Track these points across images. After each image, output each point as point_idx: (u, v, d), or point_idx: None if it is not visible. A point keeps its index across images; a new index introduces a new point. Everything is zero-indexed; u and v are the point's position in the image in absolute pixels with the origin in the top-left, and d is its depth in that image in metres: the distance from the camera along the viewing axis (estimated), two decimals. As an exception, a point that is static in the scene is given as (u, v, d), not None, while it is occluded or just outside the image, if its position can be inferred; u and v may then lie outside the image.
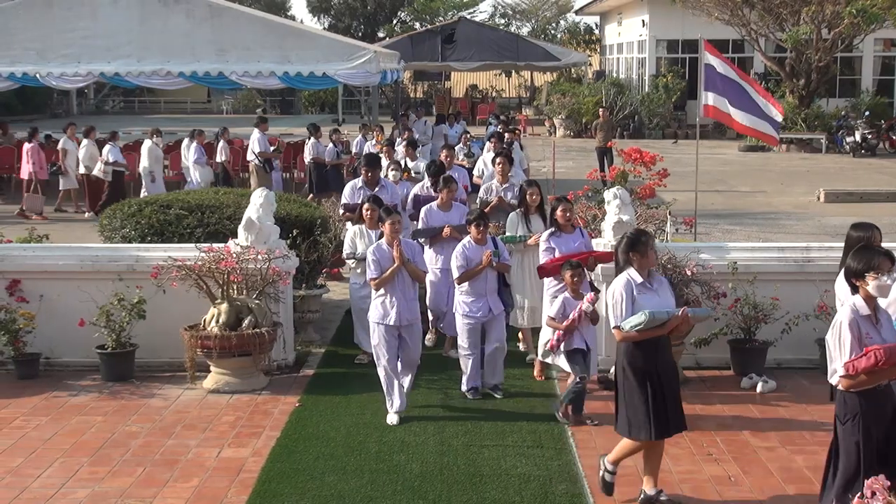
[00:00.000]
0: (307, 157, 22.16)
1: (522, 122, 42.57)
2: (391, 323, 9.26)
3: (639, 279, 7.28)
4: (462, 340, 9.92)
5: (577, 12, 60.19)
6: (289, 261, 10.65)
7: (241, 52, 22.07)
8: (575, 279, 9.36)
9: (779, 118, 13.86)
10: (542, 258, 10.20)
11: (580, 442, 8.70)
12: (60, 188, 22.29)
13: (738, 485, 7.79)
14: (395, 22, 66.36)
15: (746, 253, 11.06)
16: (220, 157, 22.59)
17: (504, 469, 8.11)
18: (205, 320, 10.18)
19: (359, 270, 10.60)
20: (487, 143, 18.70)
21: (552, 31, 62.90)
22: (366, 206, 10.66)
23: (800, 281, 10.61)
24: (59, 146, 22.57)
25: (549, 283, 10.11)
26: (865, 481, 5.41)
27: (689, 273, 10.20)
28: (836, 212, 21.82)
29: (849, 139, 34.63)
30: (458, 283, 9.89)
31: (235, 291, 10.25)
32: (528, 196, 11.25)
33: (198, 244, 10.59)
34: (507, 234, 11.11)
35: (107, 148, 21.57)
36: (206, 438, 8.83)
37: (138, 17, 22.05)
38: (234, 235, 10.72)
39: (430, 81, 60.18)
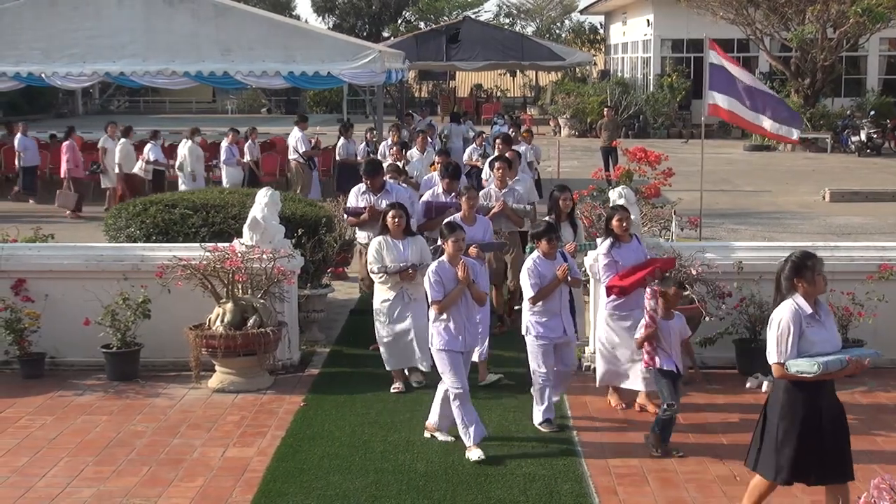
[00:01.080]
0: (338, 156, 22.23)
1: (528, 122, 42.57)
2: (459, 349, 8.49)
3: (808, 310, 6.60)
4: (535, 365, 8.99)
5: (581, 12, 60.20)
6: (294, 260, 10.65)
7: (246, 51, 22.06)
8: (669, 299, 8.53)
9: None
10: (605, 274, 9.47)
11: (585, 442, 8.69)
12: (102, 186, 22.30)
13: (744, 484, 7.76)
14: (399, 21, 66.35)
15: (752, 252, 11.04)
16: (248, 156, 22.64)
17: (509, 468, 8.10)
18: (210, 320, 10.18)
19: (389, 285, 9.96)
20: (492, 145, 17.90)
21: (557, 31, 62.93)
22: (391, 213, 9.97)
23: (805, 280, 10.56)
24: (100, 144, 22.63)
25: (608, 300, 9.42)
26: (872, 481, 5.39)
27: (694, 272, 10.19)
28: (842, 211, 21.80)
29: (854, 138, 34.59)
30: (533, 303, 8.96)
31: (240, 291, 10.25)
32: (560, 202, 10.75)
33: (203, 244, 10.60)
34: None
35: (148, 146, 21.62)
36: (211, 438, 8.83)
37: (143, 17, 22.04)
38: (239, 235, 10.73)
39: (435, 81, 60.19)
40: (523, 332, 9.12)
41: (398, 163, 15.88)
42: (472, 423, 8.36)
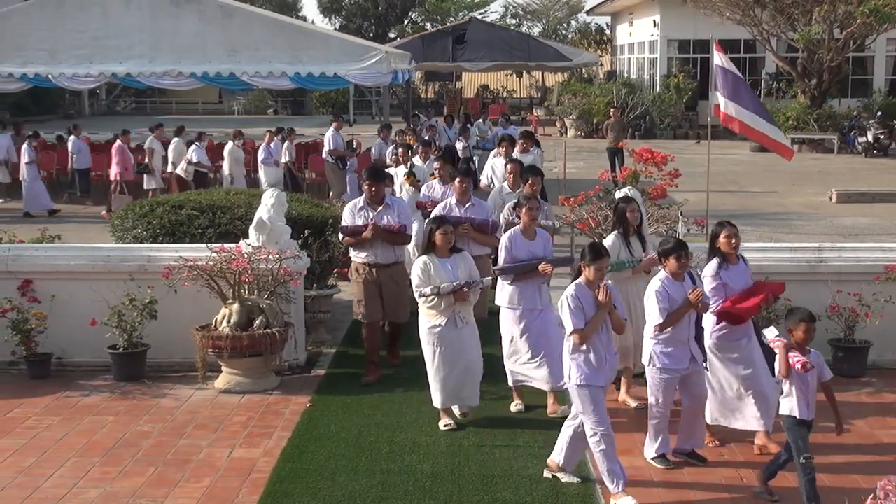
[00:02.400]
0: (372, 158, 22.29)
1: (534, 122, 42.58)
2: (601, 384, 7.66)
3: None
4: (654, 398, 8.16)
5: (588, 12, 60.17)
6: (300, 261, 10.65)
7: (253, 52, 22.10)
8: (807, 334, 7.32)
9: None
10: (713, 299, 8.35)
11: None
12: (145, 187, 22.25)
13: (750, 486, 7.76)
14: (406, 22, 66.41)
15: (758, 253, 11.02)
16: (285, 157, 22.70)
17: (515, 469, 8.10)
18: (216, 320, 10.19)
19: (440, 309, 8.94)
20: (496, 149, 16.28)
21: (563, 32, 62.90)
22: (440, 230, 9.02)
23: (812, 281, 10.57)
24: (146, 145, 22.64)
25: (712, 326, 8.42)
26: (878, 482, 5.38)
27: (699, 273, 10.15)
28: (848, 212, 21.76)
29: (861, 139, 34.54)
30: (661, 330, 8.02)
31: (247, 292, 10.26)
32: (627, 213, 9.64)
33: (209, 244, 10.60)
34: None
35: (192, 148, 21.65)
36: (218, 438, 8.84)
37: (150, 18, 22.10)
38: (246, 236, 10.74)
39: (441, 82, 60.21)
40: (644, 363, 8.26)
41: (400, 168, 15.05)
42: (617, 468, 7.50)
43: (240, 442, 8.75)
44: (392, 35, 61.22)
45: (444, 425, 9.00)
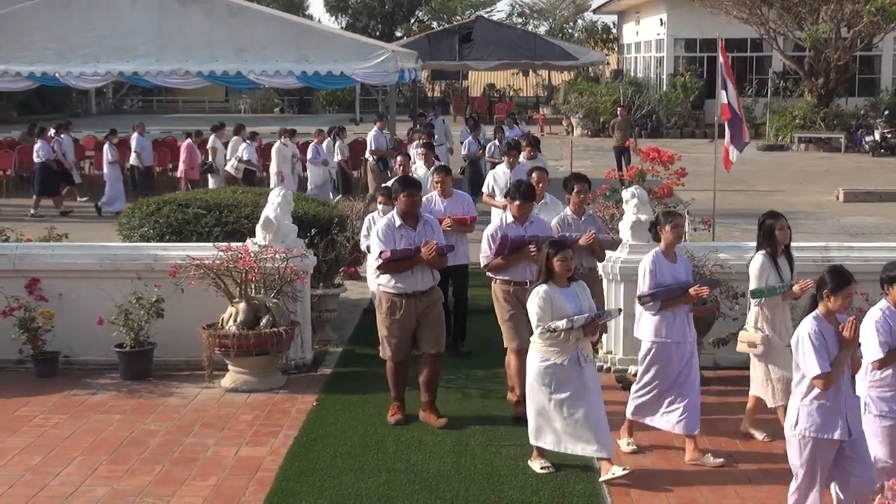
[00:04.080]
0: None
1: (540, 122, 42.58)
2: (837, 437, 6.43)
3: None
4: (882, 451, 6.78)
5: (594, 11, 60.13)
6: (306, 260, 10.66)
7: (260, 51, 22.10)
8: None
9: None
10: (878, 341, 6.75)
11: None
12: (210, 186, 22.20)
13: (757, 486, 7.75)
14: (412, 21, 66.41)
15: (764, 253, 10.99)
16: (337, 156, 22.67)
17: (521, 468, 8.09)
18: (223, 319, 10.20)
19: (569, 342, 7.77)
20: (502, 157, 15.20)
21: (569, 30, 62.90)
22: (559, 255, 7.83)
23: (818, 281, 10.53)
24: (209, 145, 22.66)
25: (867, 374, 6.91)
26: (886, 483, 5.37)
27: (707, 273, 10.16)
28: (855, 211, 21.73)
29: (868, 138, 34.50)
30: (879, 367, 6.74)
31: (253, 290, 10.27)
32: (776, 231, 8.49)
33: (216, 243, 10.61)
34: (756, 285, 8.49)
35: (243, 146, 21.58)
36: (224, 437, 8.85)
37: (157, 17, 22.11)
38: (252, 234, 10.74)
39: (448, 81, 60.19)
40: (863, 411, 6.81)
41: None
42: None
43: (246, 440, 8.76)
44: (398, 34, 61.23)
45: (542, 468, 8.03)
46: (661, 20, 43.34)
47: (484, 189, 13.86)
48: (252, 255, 10.19)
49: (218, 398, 9.90)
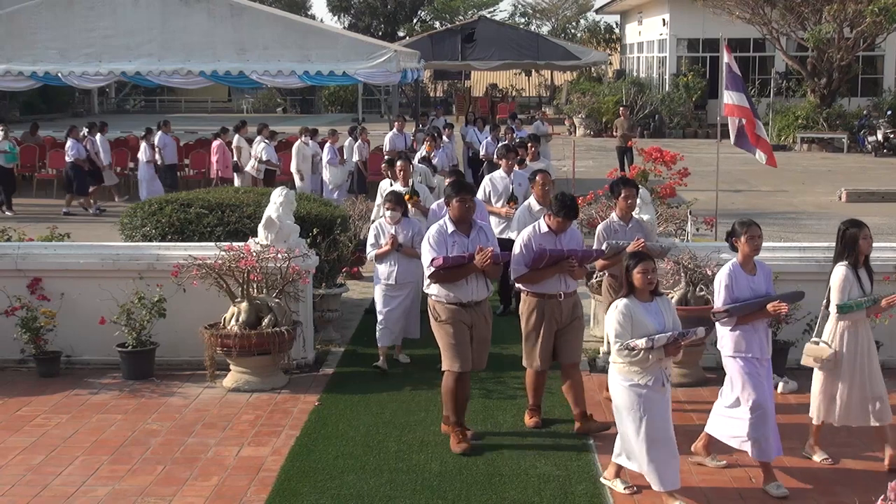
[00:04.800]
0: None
1: (547, 121, 42.51)
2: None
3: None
4: None
5: (597, 11, 60.22)
6: (308, 259, 10.66)
7: (262, 51, 22.15)
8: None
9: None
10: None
11: (600, 443, 8.66)
12: (236, 184, 22.14)
13: (759, 485, 7.74)
14: (415, 21, 66.48)
15: (767, 253, 10.95)
16: (356, 156, 22.66)
17: (523, 469, 8.09)
18: (225, 319, 10.19)
19: (649, 361, 7.24)
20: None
21: (572, 30, 62.96)
22: (640, 267, 7.33)
23: (821, 281, 10.43)
24: (234, 144, 22.65)
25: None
26: (889, 483, 5.36)
27: (709, 273, 10.15)
28: (858, 211, 21.68)
29: (871, 138, 34.49)
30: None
31: (255, 290, 10.26)
32: (860, 240, 7.97)
33: (218, 243, 10.61)
34: (841, 299, 7.99)
35: (261, 146, 21.56)
36: (226, 437, 8.84)
37: (159, 17, 22.17)
38: (254, 234, 10.74)
39: (450, 80, 60.22)
40: None
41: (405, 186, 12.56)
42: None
43: (248, 440, 8.76)
44: (401, 34, 61.29)
45: (626, 488, 7.61)
46: (663, 20, 43.33)
47: (479, 195, 12.76)
48: (254, 254, 10.19)
49: (220, 398, 9.89)
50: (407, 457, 8.35)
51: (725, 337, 7.86)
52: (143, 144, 22.79)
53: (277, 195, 10.73)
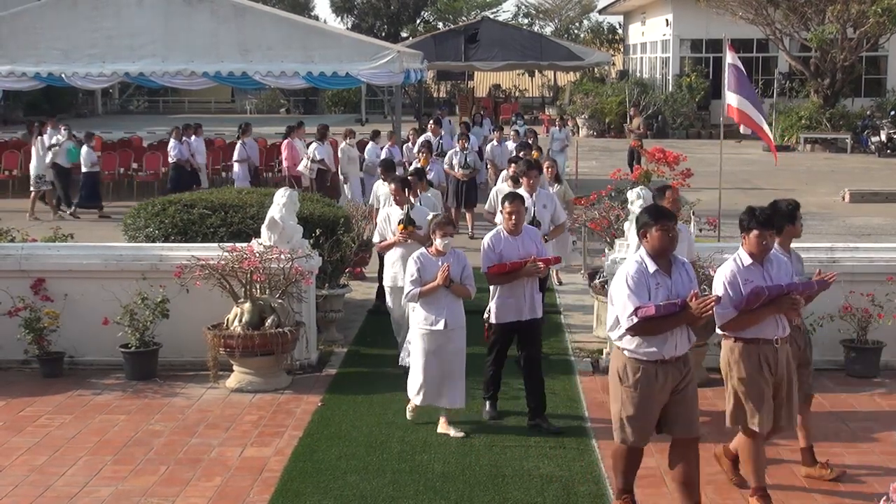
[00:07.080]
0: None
1: (546, 122, 42.53)
2: None
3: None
4: None
5: (600, 12, 60.16)
6: (311, 260, 10.66)
7: (265, 52, 22.14)
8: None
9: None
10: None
11: (603, 443, 8.66)
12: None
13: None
14: (418, 22, 66.46)
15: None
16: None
17: (526, 469, 8.09)
18: (228, 320, 10.20)
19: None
20: (504, 171, 14.02)
21: (575, 31, 62.93)
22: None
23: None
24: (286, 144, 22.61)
25: None
26: (891, 484, 5.36)
27: (712, 273, 10.13)
28: (861, 212, 21.69)
29: (874, 139, 34.47)
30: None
31: (258, 291, 10.27)
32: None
33: (221, 244, 10.61)
34: None
35: (314, 146, 21.41)
36: (229, 437, 8.85)
37: (163, 17, 22.17)
38: (258, 235, 10.75)
39: (454, 81, 60.19)
40: None
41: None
42: None
43: (251, 441, 8.76)
44: (404, 34, 61.26)
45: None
46: (666, 21, 43.32)
47: (486, 207, 12.58)
48: (257, 255, 10.20)
49: (223, 398, 9.90)
50: (410, 457, 8.35)
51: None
52: (238, 144, 22.45)
53: (280, 196, 10.73)
